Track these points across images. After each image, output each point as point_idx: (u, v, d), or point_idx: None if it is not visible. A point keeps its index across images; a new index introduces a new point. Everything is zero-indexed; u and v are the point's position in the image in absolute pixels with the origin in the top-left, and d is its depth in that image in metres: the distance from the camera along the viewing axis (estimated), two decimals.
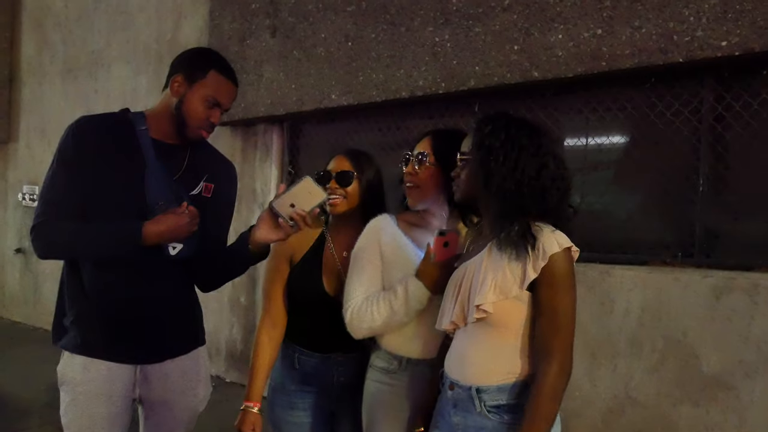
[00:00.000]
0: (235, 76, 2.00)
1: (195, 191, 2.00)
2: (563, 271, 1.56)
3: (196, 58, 1.97)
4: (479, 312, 1.59)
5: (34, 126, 7.47)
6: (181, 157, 1.99)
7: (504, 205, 1.60)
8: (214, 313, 5.19)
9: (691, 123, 3.07)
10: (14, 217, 7.74)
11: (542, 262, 1.54)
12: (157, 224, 1.85)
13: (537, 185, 1.59)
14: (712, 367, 2.86)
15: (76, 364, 1.94)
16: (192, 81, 1.92)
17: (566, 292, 1.57)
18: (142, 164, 1.91)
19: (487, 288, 1.58)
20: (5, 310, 7.89)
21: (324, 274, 2.14)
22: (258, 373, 2.18)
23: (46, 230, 1.88)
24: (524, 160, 1.60)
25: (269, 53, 4.65)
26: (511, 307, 1.59)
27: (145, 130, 1.94)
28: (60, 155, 1.90)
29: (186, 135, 1.96)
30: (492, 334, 1.63)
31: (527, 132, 1.65)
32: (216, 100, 1.93)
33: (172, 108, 1.93)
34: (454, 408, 1.68)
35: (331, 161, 2.18)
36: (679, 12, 2.84)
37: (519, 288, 1.57)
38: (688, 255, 3.07)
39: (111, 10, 6.43)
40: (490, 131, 1.66)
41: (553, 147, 1.68)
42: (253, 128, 5.11)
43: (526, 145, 1.61)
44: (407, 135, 4.13)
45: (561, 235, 1.58)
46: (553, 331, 1.55)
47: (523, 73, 3.32)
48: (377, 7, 3.98)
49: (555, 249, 1.54)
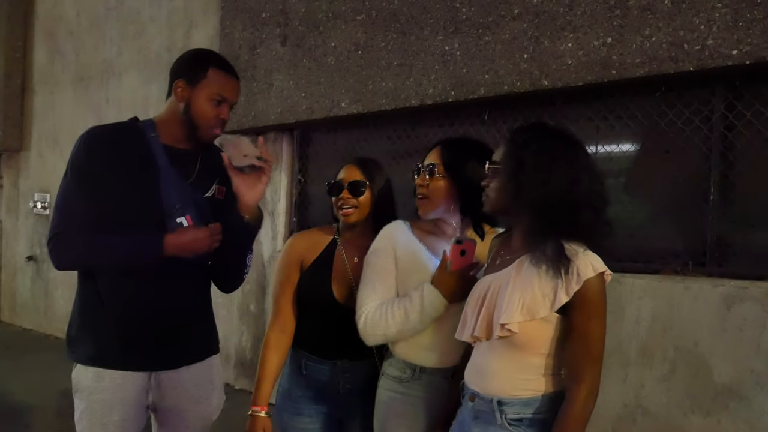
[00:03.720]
0: (234, 70, 2.02)
1: (208, 194, 2.02)
2: (597, 297, 1.54)
3: (193, 61, 1.99)
4: (504, 330, 1.57)
5: (45, 134, 7.52)
6: (193, 161, 2.01)
7: (535, 220, 1.57)
8: (224, 320, 5.20)
9: (701, 132, 3.06)
10: (26, 225, 7.78)
11: (576, 286, 1.52)
12: (179, 237, 1.87)
13: (569, 200, 1.54)
14: (724, 377, 2.84)
15: (89, 373, 1.95)
16: (194, 83, 1.94)
17: (599, 317, 1.55)
18: (155, 170, 1.92)
19: (514, 307, 1.56)
20: (16, 317, 7.92)
21: (334, 280, 2.14)
22: (265, 377, 2.18)
23: (64, 242, 1.90)
24: (557, 174, 1.54)
25: (279, 62, 4.67)
26: (538, 328, 1.57)
27: (155, 136, 1.96)
28: (73, 166, 1.92)
29: (199, 137, 1.98)
30: (516, 352, 1.61)
31: (562, 144, 1.60)
32: (222, 96, 1.95)
33: (181, 113, 1.95)
34: (475, 419, 1.67)
35: (342, 170, 2.19)
36: (690, 21, 2.84)
37: (548, 310, 1.55)
38: (699, 264, 3.05)
39: (122, 19, 6.48)
40: (523, 141, 1.61)
41: (590, 161, 1.63)
42: (263, 136, 5.10)
43: (559, 158, 1.56)
44: (417, 143, 4.13)
45: (596, 259, 1.55)
46: (585, 356, 1.54)
47: (533, 82, 3.32)
48: (387, 16, 4.00)
49: (590, 274, 1.52)
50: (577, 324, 1.54)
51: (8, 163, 8.15)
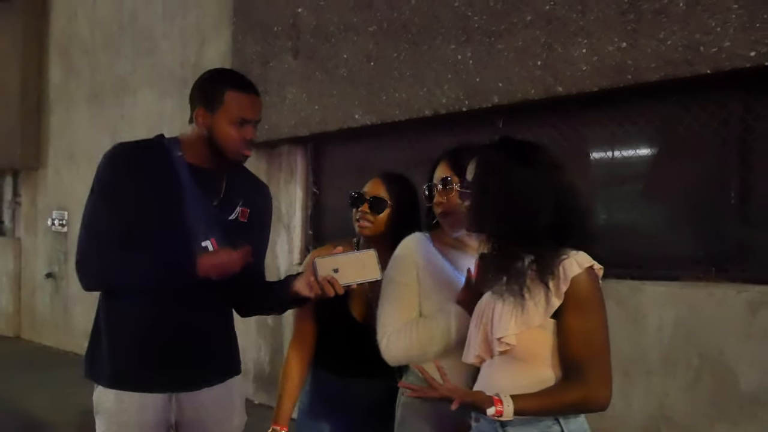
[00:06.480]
0: (253, 85, 1.96)
1: (232, 216, 2.00)
2: (589, 293, 1.50)
3: (208, 86, 1.94)
4: (502, 345, 1.54)
5: (62, 152, 7.58)
6: (218, 182, 1.99)
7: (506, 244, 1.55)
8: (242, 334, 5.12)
9: (719, 135, 3.01)
10: (44, 243, 7.84)
11: (564, 286, 1.48)
12: (212, 258, 1.85)
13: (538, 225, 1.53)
14: (750, 385, 2.78)
15: (111, 395, 1.94)
16: (213, 110, 1.89)
17: (595, 313, 1.51)
18: (180, 191, 1.90)
19: (507, 319, 1.53)
20: (36, 334, 7.97)
21: (352, 297, 2.11)
22: (286, 395, 2.16)
23: (93, 263, 1.88)
24: (523, 201, 1.53)
25: (292, 75, 4.68)
26: (536, 337, 1.53)
27: (181, 156, 1.93)
28: (99, 185, 1.90)
29: (229, 161, 1.96)
30: (518, 366, 1.57)
31: (528, 165, 1.57)
32: (243, 119, 1.90)
33: (206, 139, 1.92)
34: None
35: (368, 183, 2.16)
36: (705, 23, 2.80)
37: (543, 317, 1.51)
38: (722, 270, 2.99)
39: (136, 36, 6.54)
40: (486, 169, 1.60)
41: (559, 176, 1.60)
42: (277, 150, 5.13)
43: (524, 182, 1.54)
44: (431, 153, 4.06)
45: (581, 255, 1.52)
46: (586, 357, 1.49)
47: (547, 89, 3.30)
48: (398, 27, 3.99)
49: (576, 270, 1.49)
50: (572, 324, 1.50)
51: (26, 181, 8.23)
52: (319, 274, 1.79)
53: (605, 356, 1.52)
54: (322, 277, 1.79)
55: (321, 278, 1.79)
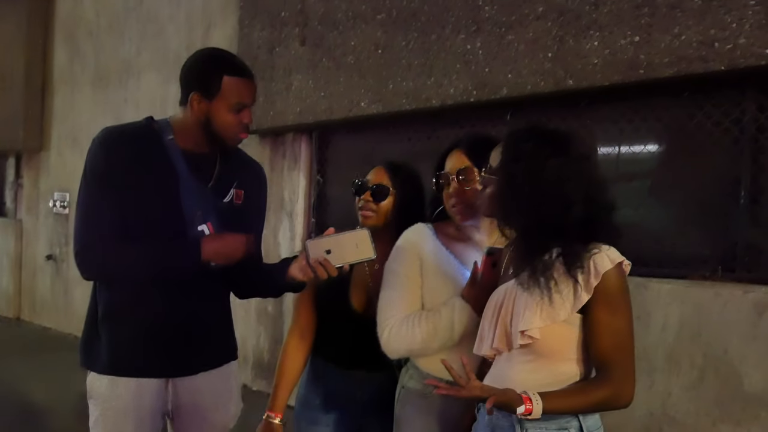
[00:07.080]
0: (248, 68, 1.92)
1: (226, 199, 1.97)
2: (618, 289, 1.47)
3: (205, 70, 1.88)
4: (524, 338, 1.50)
5: (65, 134, 7.56)
6: (212, 165, 1.96)
7: (529, 236, 1.52)
8: (242, 322, 5.18)
9: (732, 133, 2.98)
10: (45, 225, 7.83)
11: (595, 281, 1.45)
12: (215, 241, 1.83)
13: (565, 217, 1.48)
14: (754, 386, 2.76)
15: (104, 381, 1.91)
16: (210, 96, 1.85)
17: (624, 310, 1.48)
18: (174, 175, 1.87)
19: (532, 312, 1.49)
20: (36, 316, 7.98)
21: (352, 288, 2.09)
22: (282, 383, 2.15)
23: (93, 253, 1.85)
24: (551, 190, 1.49)
25: (298, 62, 4.64)
26: (560, 332, 1.50)
27: (172, 140, 1.90)
28: (91, 171, 1.86)
29: (226, 146, 1.93)
30: (539, 361, 1.54)
31: (557, 152, 1.52)
32: (241, 104, 1.87)
33: (201, 124, 1.88)
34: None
35: (372, 171, 2.13)
36: (721, 19, 2.76)
37: (569, 311, 1.48)
38: (728, 269, 2.97)
39: (141, 19, 6.50)
40: (515, 155, 1.54)
41: (589, 167, 1.57)
42: (282, 137, 5.10)
43: (553, 171, 1.49)
44: (438, 144, 4.07)
45: (611, 250, 1.49)
46: (616, 353, 1.46)
47: (557, 82, 3.26)
48: (407, 16, 3.95)
49: (608, 266, 1.46)
50: (601, 320, 1.47)
51: (28, 163, 8.21)
52: (311, 256, 1.75)
53: (631, 354, 1.50)
54: (313, 259, 1.75)
55: (313, 260, 1.75)
